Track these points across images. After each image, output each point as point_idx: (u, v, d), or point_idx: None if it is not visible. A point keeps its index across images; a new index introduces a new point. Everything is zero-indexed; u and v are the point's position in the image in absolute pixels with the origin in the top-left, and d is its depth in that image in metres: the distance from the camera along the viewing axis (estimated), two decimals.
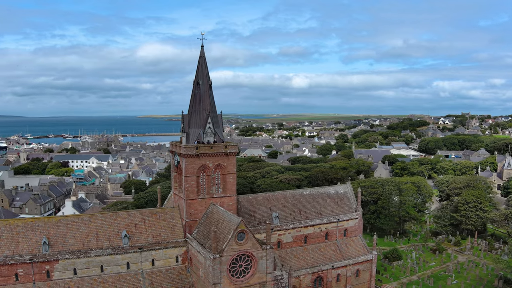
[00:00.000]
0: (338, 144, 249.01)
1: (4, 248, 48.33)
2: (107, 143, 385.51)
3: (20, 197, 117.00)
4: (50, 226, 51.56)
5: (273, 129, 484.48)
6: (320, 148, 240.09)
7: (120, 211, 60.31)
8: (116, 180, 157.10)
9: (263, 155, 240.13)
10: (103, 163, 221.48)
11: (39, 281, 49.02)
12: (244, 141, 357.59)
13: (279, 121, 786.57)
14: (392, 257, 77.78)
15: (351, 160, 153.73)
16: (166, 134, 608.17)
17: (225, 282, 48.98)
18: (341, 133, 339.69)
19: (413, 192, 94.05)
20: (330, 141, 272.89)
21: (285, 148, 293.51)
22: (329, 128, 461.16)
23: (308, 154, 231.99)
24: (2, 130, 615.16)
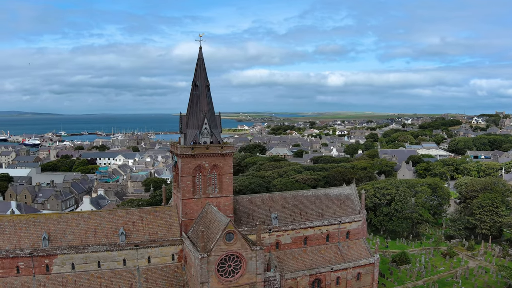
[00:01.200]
0: (367, 143, 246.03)
1: (7, 242, 52.43)
2: (137, 141, 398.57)
3: (42, 194, 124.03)
4: (50, 222, 55.32)
5: (304, 128, 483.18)
6: (348, 147, 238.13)
7: (119, 209, 63.62)
8: (137, 178, 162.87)
9: (289, 154, 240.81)
10: (129, 161, 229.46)
11: (38, 274, 52.81)
12: (273, 140, 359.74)
13: (314, 119, 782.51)
14: (400, 261, 77.24)
15: (374, 160, 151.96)
16: None
17: (213, 282, 50.93)
18: (372, 132, 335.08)
19: (428, 194, 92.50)
20: (359, 140, 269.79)
21: (314, 147, 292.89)
22: (360, 127, 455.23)
23: (335, 153, 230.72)
24: (38, 128, 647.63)
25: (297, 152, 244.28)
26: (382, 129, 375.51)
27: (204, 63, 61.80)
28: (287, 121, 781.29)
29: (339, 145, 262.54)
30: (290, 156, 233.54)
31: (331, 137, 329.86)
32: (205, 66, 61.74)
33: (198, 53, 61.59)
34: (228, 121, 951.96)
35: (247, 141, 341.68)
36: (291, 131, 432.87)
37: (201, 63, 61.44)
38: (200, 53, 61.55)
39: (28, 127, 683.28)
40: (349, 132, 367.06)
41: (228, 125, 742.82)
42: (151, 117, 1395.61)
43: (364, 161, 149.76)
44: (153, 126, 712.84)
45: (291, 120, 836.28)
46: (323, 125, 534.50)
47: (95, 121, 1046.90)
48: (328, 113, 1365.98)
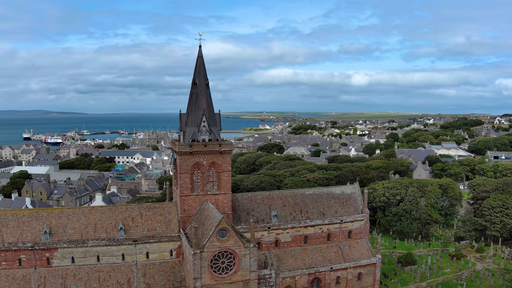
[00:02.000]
0: (387, 143, 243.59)
1: (10, 235, 55.01)
2: (157, 139, 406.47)
3: (58, 191, 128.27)
4: (52, 216, 57.65)
5: (325, 128, 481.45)
6: (367, 147, 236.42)
7: (119, 205, 65.58)
8: (152, 176, 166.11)
9: (306, 153, 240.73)
10: (146, 159, 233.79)
11: (39, 267, 55.17)
12: (293, 139, 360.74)
13: (337, 119, 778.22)
14: (405, 262, 76.65)
15: (390, 160, 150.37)
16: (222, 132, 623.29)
17: (206, 278, 52.09)
18: (392, 132, 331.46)
19: (438, 195, 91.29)
20: (380, 140, 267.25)
21: (334, 146, 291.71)
22: (381, 126, 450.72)
23: (354, 153, 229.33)
24: (62, 127, 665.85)
25: (315, 151, 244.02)
26: (403, 129, 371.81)
27: (204, 61, 63.05)
28: (309, 120, 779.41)
29: (359, 144, 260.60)
30: (308, 156, 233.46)
31: (352, 137, 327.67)
32: (204, 65, 62.96)
33: (198, 51, 62.88)
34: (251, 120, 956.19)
35: (266, 141, 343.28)
36: (312, 130, 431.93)
37: (200, 61, 62.66)
38: (199, 51, 62.81)
39: (52, 126, 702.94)
40: (370, 132, 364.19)
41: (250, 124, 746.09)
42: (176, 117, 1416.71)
43: (380, 160, 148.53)
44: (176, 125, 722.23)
45: (314, 119, 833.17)
46: (345, 124, 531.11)
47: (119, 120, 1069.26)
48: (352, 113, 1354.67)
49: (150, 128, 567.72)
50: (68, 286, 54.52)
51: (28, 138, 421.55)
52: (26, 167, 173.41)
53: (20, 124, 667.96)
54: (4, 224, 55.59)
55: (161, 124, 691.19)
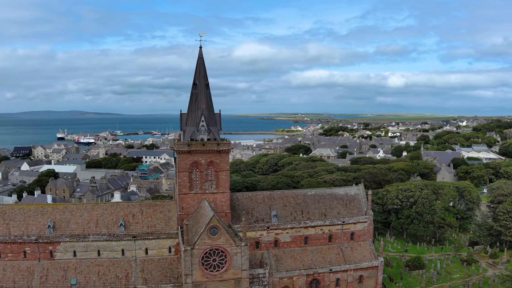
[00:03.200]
0: (417, 145, 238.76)
1: (16, 228, 58.73)
2: None
3: (80, 189, 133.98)
4: (57, 211, 61.03)
5: (357, 129, 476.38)
6: (395, 149, 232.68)
7: (121, 202, 68.37)
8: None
9: (332, 155, 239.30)
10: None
11: (43, 259, 58.54)
12: (322, 141, 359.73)
13: (373, 121, 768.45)
14: (413, 266, 75.50)
15: (413, 162, 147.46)
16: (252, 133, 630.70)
17: (197, 274, 53.76)
18: (423, 134, 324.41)
19: (453, 197, 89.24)
20: (410, 142, 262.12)
21: (363, 148, 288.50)
22: (413, 128, 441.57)
23: (382, 155, 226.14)
24: (98, 127, 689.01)
25: (341, 153, 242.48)
26: (435, 131, 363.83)
27: (204, 62, 64.83)
28: (343, 122, 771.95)
29: (389, 146, 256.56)
30: (334, 157, 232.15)
31: (382, 139, 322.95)
32: (205, 66, 64.74)
33: (198, 52, 64.75)
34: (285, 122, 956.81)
35: (296, 142, 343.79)
36: (343, 132, 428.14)
37: (200, 62, 64.49)
38: (200, 52, 64.65)
39: (88, 126, 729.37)
40: (401, 134, 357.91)
41: (283, 126, 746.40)
42: None
43: (403, 163, 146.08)
44: None
45: (348, 121, 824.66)
46: (377, 126, 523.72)
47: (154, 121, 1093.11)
48: (388, 115, 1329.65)
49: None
50: (68, 278, 57.55)
51: (62, 138, 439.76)
52: (54, 166, 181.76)
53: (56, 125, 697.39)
54: (12, 218, 59.39)
55: None
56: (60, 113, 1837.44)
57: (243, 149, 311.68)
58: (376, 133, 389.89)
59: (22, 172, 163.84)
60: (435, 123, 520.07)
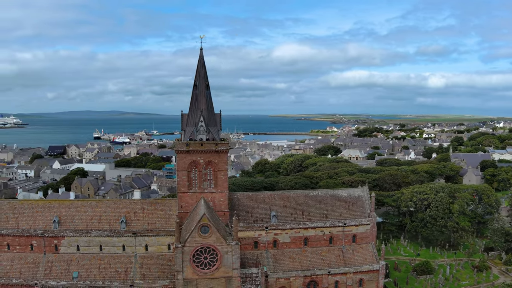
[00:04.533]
0: (449, 147, 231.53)
1: (24, 222, 62.52)
2: None
3: (104, 187, 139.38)
4: (63, 207, 64.47)
5: (392, 130, 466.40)
6: (426, 150, 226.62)
7: (124, 199, 71.05)
8: None
9: (361, 156, 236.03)
10: None
11: (48, 252, 62.01)
12: (355, 142, 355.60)
13: (411, 122, 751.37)
14: (421, 270, 73.85)
15: (440, 164, 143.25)
16: (287, 133, 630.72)
17: (188, 272, 55.40)
18: (457, 135, 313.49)
19: (470, 201, 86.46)
20: (443, 144, 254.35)
21: (396, 149, 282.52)
22: (448, 130, 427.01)
23: (413, 156, 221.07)
24: (136, 127, 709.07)
25: (371, 154, 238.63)
26: (471, 132, 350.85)
27: (205, 63, 66.50)
28: (380, 123, 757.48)
29: (421, 148, 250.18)
30: (362, 158, 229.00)
31: (416, 140, 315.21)
32: (205, 66, 66.38)
33: (199, 54, 66.46)
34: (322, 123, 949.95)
35: (327, 143, 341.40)
36: (377, 133, 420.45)
37: (201, 63, 66.17)
38: (200, 54, 66.29)
39: (126, 126, 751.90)
40: (436, 135, 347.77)
41: (320, 126, 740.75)
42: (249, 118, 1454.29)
43: (429, 164, 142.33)
44: (247, 127, 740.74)
45: (386, 122, 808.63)
46: (412, 127, 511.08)
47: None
48: (427, 116, 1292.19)
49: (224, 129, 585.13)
50: (71, 271, 60.70)
51: (98, 138, 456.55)
52: (84, 164, 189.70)
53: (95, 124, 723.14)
54: (21, 212, 63.30)
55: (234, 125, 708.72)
56: (100, 113, 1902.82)
57: (273, 150, 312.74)
58: (411, 135, 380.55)
59: (53, 170, 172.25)
60: (471, 125, 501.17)
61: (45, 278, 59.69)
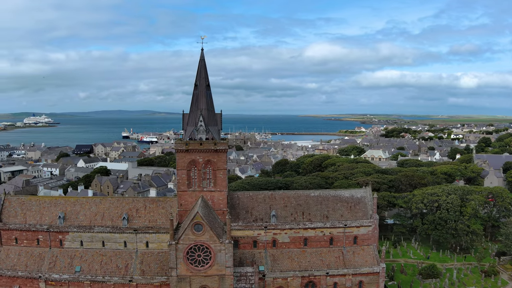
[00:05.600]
0: (477, 148, 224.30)
1: (31, 218, 65.08)
2: (244, 140, 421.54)
3: (123, 185, 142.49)
4: (68, 204, 66.69)
5: (420, 131, 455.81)
6: (451, 151, 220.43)
7: (128, 197, 72.68)
8: None
9: (384, 156, 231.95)
10: None
11: (54, 247, 64.31)
12: (381, 142, 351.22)
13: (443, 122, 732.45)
14: (427, 274, 72.01)
15: (461, 166, 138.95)
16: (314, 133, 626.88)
17: (182, 269, 56.23)
18: (485, 136, 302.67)
19: (481, 203, 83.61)
20: (470, 145, 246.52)
21: (422, 150, 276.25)
22: (477, 131, 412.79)
23: (438, 157, 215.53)
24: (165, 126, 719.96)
25: (395, 155, 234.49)
26: (499, 133, 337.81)
27: (205, 63, 67.27)
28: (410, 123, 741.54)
29: (448, 149, 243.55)
30: (385, 159, 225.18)
31: (443, 141, 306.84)
32: (206, 67, 67.13)
33: (200, 54, 67.26)
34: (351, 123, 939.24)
35: (353, 143, 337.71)
36: (405, 133, 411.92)
37: (202, 64, 66.96)
38: (201, 54, 67.10)
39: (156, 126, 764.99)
40: (464, 136, 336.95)
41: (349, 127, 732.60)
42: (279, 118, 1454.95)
43: (448, 166, 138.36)
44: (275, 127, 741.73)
45: (416, 123, 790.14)
46: (440, 128, 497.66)
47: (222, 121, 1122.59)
48: (459, 116, 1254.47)
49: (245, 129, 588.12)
50: (74, 265, 62.73)
51: (127, 137, 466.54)
52: (108, 163, 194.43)
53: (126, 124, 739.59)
54: (28, 208, 65.93)
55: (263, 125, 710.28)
56: (131, 112, 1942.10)
57: (297, 150, 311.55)
58: (438, 135, 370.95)
59: (77, 168, 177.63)
60: (500, 125, 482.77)
61: (49, 272, 61.92)
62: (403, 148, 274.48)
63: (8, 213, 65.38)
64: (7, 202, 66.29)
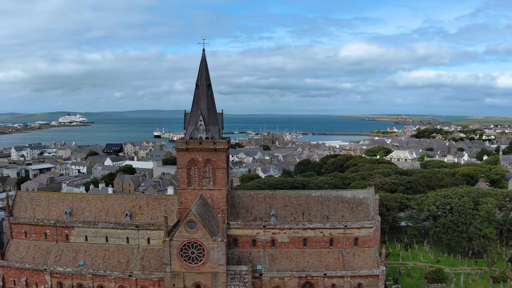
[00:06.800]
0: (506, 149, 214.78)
1: (40, 213, 67.49)
2: (272, 140, 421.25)
3: (144, 183, 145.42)
4: (75, 200, 68.74)
5: (452, 132, 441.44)
6: (479, 153, 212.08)
7: (131, 194, 73.98)
8: (237, 174, 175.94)
9: (411, 157, 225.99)
10: (245, 158, 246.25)
11: (60, 241, 66.45)
12: (410, 143, 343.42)
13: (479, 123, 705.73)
14: (432, 278, 69.41)
15: (485, 167, 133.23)
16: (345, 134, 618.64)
17: (176, 265, 56.81)
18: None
19: (495, 206, 79.81)
20: (501, 146, 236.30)
21: (451, 151, 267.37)
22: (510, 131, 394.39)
23: (466, 159, 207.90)
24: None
25: (421, 156, 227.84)
26: None
27: (207, 64, 67.60)
28: (444, 124, 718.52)
29: (478, 150, 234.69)
30: (411, 160, 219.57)
31: (474, 142, 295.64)
32: (207, 67, 67.42)
33: (201, 55, 67.66)
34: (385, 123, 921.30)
35: (382, 144, 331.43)
36: (436, 134, 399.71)
37: (203, 64, 67.27)
38: (203, 55, 67.41)
39: None
40: (496, 137, 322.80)
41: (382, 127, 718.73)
42: (313, 118, 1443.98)
43: (471, 167, 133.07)
44: (308, 127, 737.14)
45: (451, 123, 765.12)
46: (473, 129, 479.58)
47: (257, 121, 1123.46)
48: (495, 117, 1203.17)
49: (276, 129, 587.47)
50: (78, 259, 64.59)
51: (158, 136, 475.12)
52: (134, 162, 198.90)
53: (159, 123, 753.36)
54: (38, 203, 68.41)
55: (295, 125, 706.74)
56: (166, 112, 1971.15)
57: (323, 150, 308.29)
58: (470, 136, 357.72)
59: (104, 166, 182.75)
60: None
61: (55, 265, 64.03)
62: (432, 149, 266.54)
63: (19, 208, 68.10)
64: (18, 197, 69.09)
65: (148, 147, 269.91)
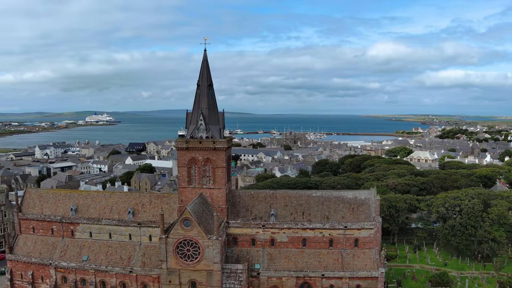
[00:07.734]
0: None
1: (47, 209, 68.96)
2: (294, 139, 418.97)
3: (160, 182, 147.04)
4: (81, 197, 69.93)
5: (477, 132, 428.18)
6: (502, 153, 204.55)
7: (134, 192, 74.63)
8: (253, 173, 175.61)
9: (431, 158, 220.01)
10: (264, 158, 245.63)
11: (66, 237, 67.71)
12: (434, 143, 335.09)
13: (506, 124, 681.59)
14: (436, 282, 67.00)
15: (504, 169, 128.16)
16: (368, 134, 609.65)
17: (172, 262, 56.89)
18: None
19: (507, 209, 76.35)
20: None
21: (474, 152, 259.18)
22: None
23: (488, 160, 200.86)
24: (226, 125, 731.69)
25: (442, 157, 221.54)
26: None
27: (208, 64, 67.46)
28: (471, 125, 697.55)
29: (502, 151, 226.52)
30: (432, 161, 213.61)
31: (498, 143, 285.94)
32: (208, 67, 67.34)
33: (203, 55, 67.61)
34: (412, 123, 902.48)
35: (405, 144, 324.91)
36: (461, 135, 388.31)
37: (205, 64, 67.19)
38: (204, 55, 67.34)
39: None
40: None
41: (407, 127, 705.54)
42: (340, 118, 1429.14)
43: (489, 169, 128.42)
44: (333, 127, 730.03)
45: (477, 123, 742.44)
46: (498, 129, 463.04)
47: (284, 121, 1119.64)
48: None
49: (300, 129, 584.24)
50: (82, 255, 65.66)
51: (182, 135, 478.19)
52: (154, 161, 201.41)
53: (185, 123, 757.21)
54: (46, 200, 69.95)
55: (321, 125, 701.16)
56: None
57: (345, 150, 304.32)
58: (494, 137, 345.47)
59: (125, 165, 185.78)
60: None
61: (59, 259, 65.31)
62: (455, 149, 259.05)
63: (28, 204, 69.84)
64: (27, 194, 70.88)
65: (170, 146, 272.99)
